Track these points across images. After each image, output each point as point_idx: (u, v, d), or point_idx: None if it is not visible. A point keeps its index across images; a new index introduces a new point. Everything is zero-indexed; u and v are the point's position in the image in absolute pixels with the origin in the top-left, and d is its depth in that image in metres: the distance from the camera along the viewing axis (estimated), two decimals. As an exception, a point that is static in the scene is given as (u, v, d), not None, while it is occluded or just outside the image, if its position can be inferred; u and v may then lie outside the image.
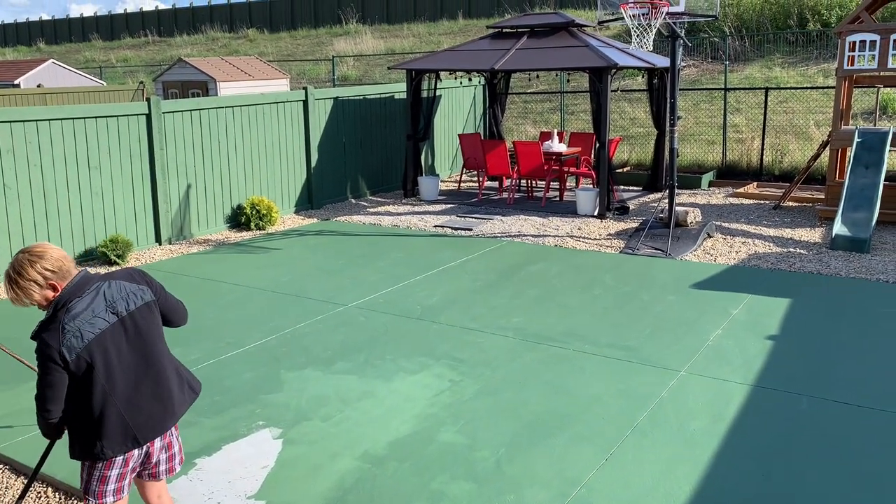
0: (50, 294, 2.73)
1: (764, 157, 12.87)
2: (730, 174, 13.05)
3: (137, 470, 2.94)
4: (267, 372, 5.41)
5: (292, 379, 5.28)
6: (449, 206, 11.43)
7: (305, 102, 10.96)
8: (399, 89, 12.63)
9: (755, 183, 12.28)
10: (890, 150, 9.77)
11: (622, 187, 12.50)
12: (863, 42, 9.54)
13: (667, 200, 9.20)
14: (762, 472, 4.00)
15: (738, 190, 11.79)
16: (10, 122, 7.77)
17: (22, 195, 7.89)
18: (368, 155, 12.25)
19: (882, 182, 9.14)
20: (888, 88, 13.31)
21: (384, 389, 5.08)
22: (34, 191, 8.01)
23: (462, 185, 13.18)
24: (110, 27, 39.65)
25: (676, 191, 9.18)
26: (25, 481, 4.10)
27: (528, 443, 4.34)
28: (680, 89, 12.66)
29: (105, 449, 2.76)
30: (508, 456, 4.20)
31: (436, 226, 10.10)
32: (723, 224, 9.80)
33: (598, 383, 5.12)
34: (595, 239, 9.28)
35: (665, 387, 5.05)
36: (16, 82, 20.41)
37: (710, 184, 12.65)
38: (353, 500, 3.80)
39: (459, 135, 12.19)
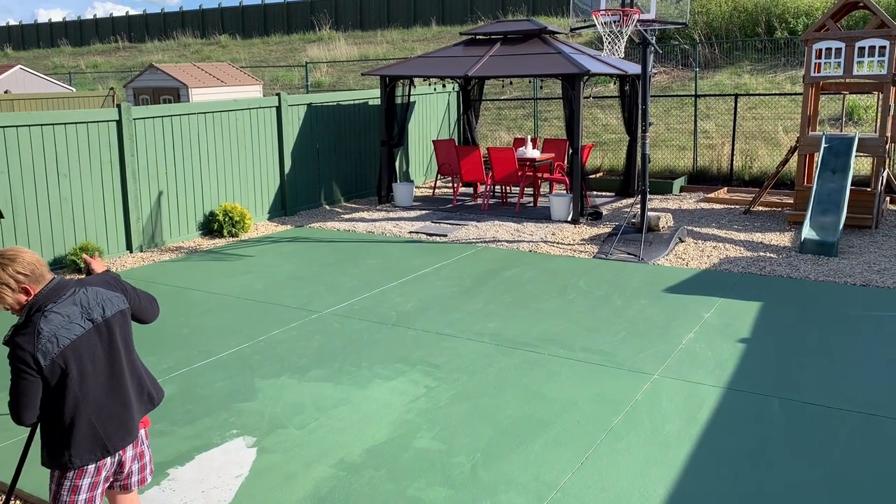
0: (23, 298, 2.69)
1: (734, 162, 13.06)
2: (701, 179, 13.22)
3: (110, 480, 2.89)
4: (241, 380, 5.36)
5: (267, 387, 5.23)
6: (424, 212, 11.44)
7: (279, 108, 10.91)
8: (373, 95, 12.63)
9: (725, 188, 12.45)
10: (856, 156, 9.96)
11: (595, 193, 12.61)
12: (829, 49, 9.73)
13: (639, 206, 9.29)
14: (734, 473, 4.05)
15: (709, 195, 11.95)
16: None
17: (-12, 203, 7.75)
18: (342, 161, 12.22)
19: (849, 186, 9.31)
20: (854, 95, 13.60)
21: (359, 396, 5.06)
22: (1, 198, 7.87)
23: (437, 191, 13.19)
24: (80, 33, 39.14)
25: (648, 196, 9.28)
26: (-7, 494, 4.02)
27: (505, 448, 4.35)
28: (651, 96, 12.79)
29: (73, 458, 2.72)
30: (485, 461, 4.20)
31: (411, 232, 10.10)
32: (694, 229, 9.92)
33: (573, 388, 5.15)
34: (569, 244, 9.34)
35: (639, 390, 5.09)
36: (-18, 88, 20.05)
37: (682, 189, 12.80)
38: (329, 508, 3.77)
39: (434, 141, 12.21)
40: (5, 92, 19.61)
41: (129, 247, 9.15)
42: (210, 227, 10.01)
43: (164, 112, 9.38)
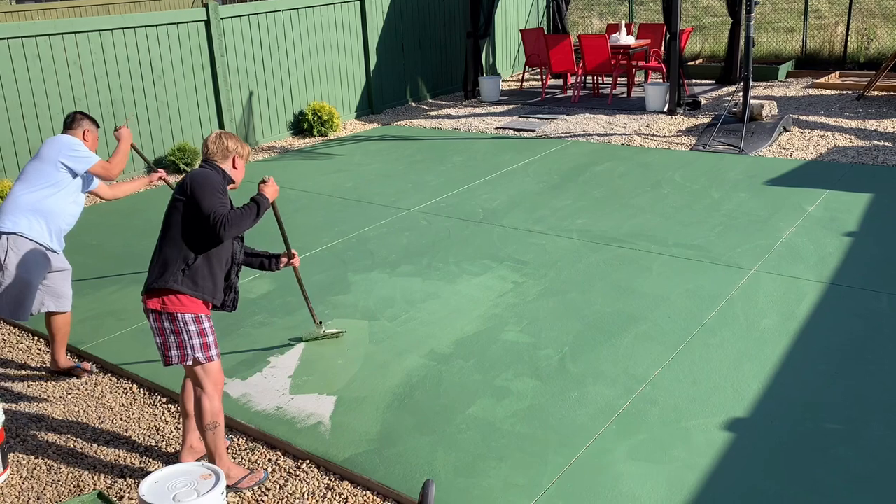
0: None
1: (848, 43, 12.03)
2: (810, 64, 12.29)
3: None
4: (335, 274, 5.52)
5: (359, 281, 5.38)
6: (511, 106, 11.18)
7: (362, 2, 10.70)
8: (458, -15, 12.18)
9: (837, 72, 11.55)
10: None
11: (694, 81, 11.94)
12: None
13: (741, 93, 8.75)
14: (833, 370, 3.91)
15: (819, 80, 11.13)
16: (76, 32, 7.86)
17: (91, 107, 8.06)
18: (427, 56, 11.98)
19: (981, 66, 8.45)
20: None
21: (448, 291, 5.13)
22: (103, 102, 8.17)
23: (524, 83, 12.83)
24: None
25: (752, 83, 8.70)
26: (115, 374, 4.36)
27: (593, 342, 4.34)
28: (758, -28, 11.80)
29: None
30: (572, 354, 4.22)
31: (497, 127, 9.92)
32: (800, 117, 9.31)
33: (665, 283, 5.04)
34: (664, 136, 8.97)
35: (735, 286, 4.94)
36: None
37: (788, 74, 11.97)
38: (421, 396, 3.91)
39: (521, 30, 11.77)
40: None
41: (223, 147, 9.38)
42: (300, 126, 10.13)
43: (251, 10, 9.36)
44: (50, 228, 4.14)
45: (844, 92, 10.65)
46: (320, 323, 4.60)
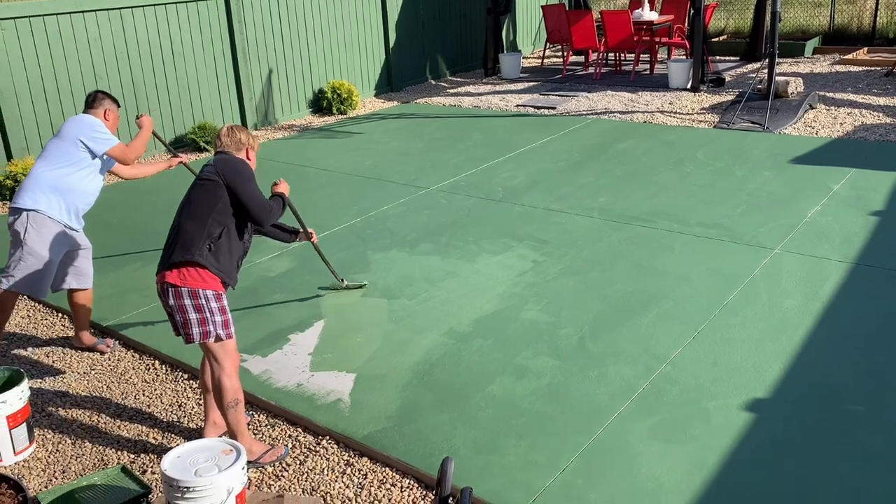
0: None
1: (877, 18, 11.77)
2: (837, 40, 12.04)
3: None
4: (354, 253, 5.52)
5: (379, 259, 5.38)
6: (531, 83, 11.07)
7: (382, -21, 10.61)
8: (478, -40, 12.03)
9: (865, 48, 11.31)
10: None
11: (718, 57, 11.75)
12: None
13: (766, 70, 8.60)
14: (857, 351, 3.86)
15: (846, 56, 10.90)
16: (96, 10, 7.87)
17: (112, 84, 8.09)
18: (447, 32, 11.87)
19: None
20: None
21: (468, 270, 5.12)
22: (123, 80, 8.19)
23: (545, 60, 12.69)
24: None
25: (777, 59, 8.54)
26: (134, 349, 4.41)
27: (613, 321, 4.32)
28: (785, -54, 11.54)
29: None
30: (592, 334, 4.20)
31: (518, 105, 9.83)
32: (827, 94, 9.14)
33: (687, 262, 5.00)
34: (687, 114, 8.85)
35: (758, 265, 4.88)
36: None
37: (815, 51, 11.74)
38: (440, 373, 3.91)
39: (542, 6, 11.63)
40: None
41: (243, 125, 9.39)
42: (319, 104, 10.11)
43: (269, -13, 9.32)
44: (68, 207, 4.18)
45: (872, 68, 10.43)
46: (342, 279, 4.90)
